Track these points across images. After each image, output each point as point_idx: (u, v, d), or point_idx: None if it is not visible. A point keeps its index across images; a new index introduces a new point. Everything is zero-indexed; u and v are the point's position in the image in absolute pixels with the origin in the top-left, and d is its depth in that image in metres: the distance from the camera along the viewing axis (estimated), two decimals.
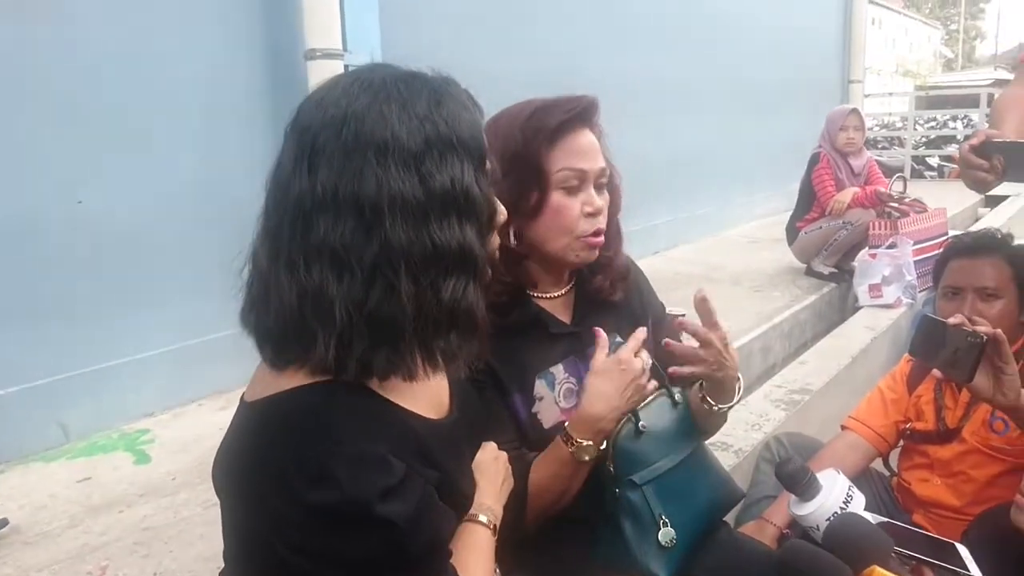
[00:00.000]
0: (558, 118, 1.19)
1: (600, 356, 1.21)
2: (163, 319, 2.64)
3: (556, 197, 1.20)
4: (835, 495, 1.30)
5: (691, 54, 5.73)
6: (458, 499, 0.93)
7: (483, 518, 0.98)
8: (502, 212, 0.90)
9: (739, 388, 1.31)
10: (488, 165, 0.86)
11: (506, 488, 1.07)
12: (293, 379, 0.81)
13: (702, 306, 1.25)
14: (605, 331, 1.31)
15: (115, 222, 2.50)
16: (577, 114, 1.21)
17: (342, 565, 0.78)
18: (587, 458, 1.17)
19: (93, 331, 2.47)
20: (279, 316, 0.79)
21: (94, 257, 2.46)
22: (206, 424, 2.51)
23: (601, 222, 1.23)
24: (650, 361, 1.22)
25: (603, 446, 1.19)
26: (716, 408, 1.29)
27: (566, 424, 1.19)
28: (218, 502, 0.87)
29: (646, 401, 1.26)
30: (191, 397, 2.71)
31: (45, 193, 2.35)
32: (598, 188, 1.24)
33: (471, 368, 0.93)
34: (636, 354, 1.20)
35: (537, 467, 1.19)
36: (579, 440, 1.16)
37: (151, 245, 2.60)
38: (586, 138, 1.22)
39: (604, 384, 1.18)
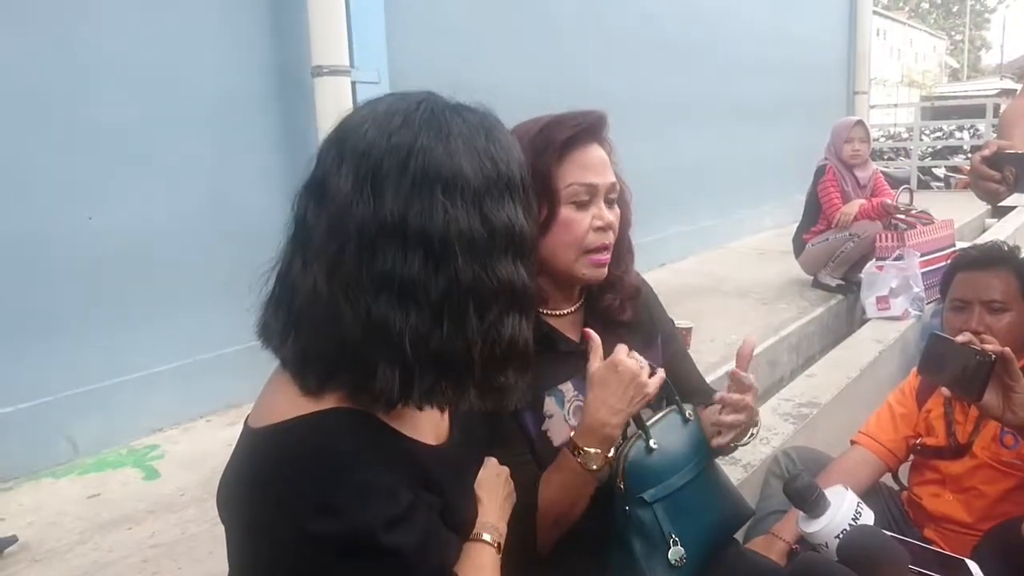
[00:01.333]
0: (567, 132, 1.20)
1: (594, 363, 1.19)
2: (172, 334, 2.65)
3: (566, 211, 1.20)
4: (843, 512, 1.30)
5: (696, 67, 5.74)
6: (461, 524, 0.94)
7: (487, 536, 0.97)
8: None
9: (756, 431, 1.31)
10: (530, 199, 0.86)
11: (508, 504, 1.06)
12: (303, 406, 0.80)
13: (743, 361, 1.26)
14: (614, 349, 1.31)
15: (124, 238, 2.52)
16: (586, 128, 1.22)
17: None
18: (595, 466, 1.16)
19: (102, 346, 2.49)
20: (335, 344, 0.78)
21: (104, 273, 2.48)
22: (215, 440, 2.52)
23: (610, 237, 1.24)
24: (654, 369, 1.20)
25: (611, 453, 1.18)
26: (731, 445, 1.29)
27: (571, 435, 1.19)
28: None
29: (657, 417, 1.26)
30: (200, 413, 2.72)
31: (55, 210, 2.37)
32: (608, 203, 1.24)
33: None
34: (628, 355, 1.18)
35: (545, 480, 1.19)
36: (586, 449, 1.15)
37: (160, 260, 2.62)
38: (596, 152, 1.23)
39: (603, 390, 1.16)
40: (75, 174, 2.41)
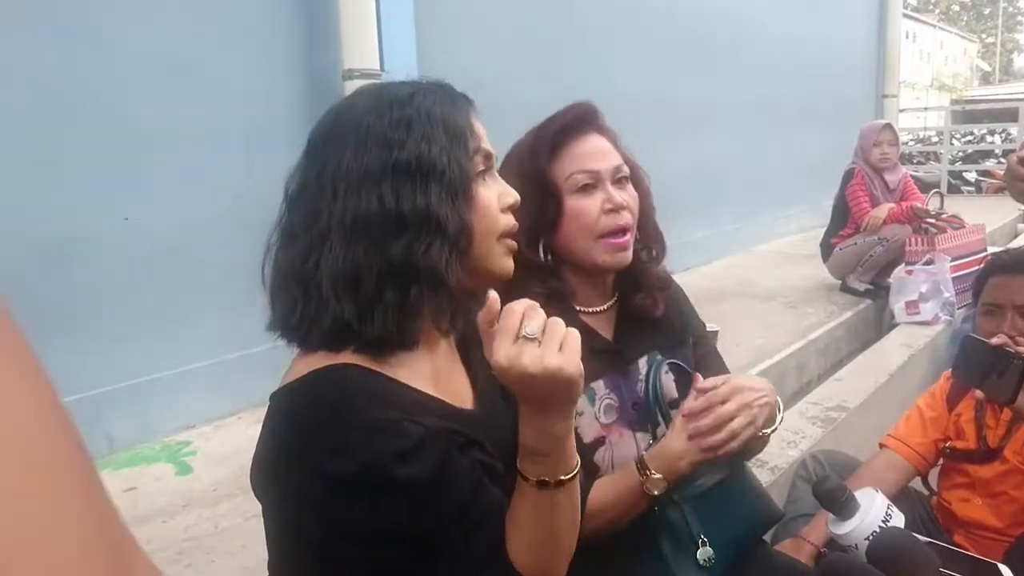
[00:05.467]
0: (555, 128, 1.24)
1: (691, 399, 1.20)
2: (204, 333, 2.70)
3: (572, 201, 1.22)
4: (874, 514, 1.30)
5: (724, 70, 5.73)
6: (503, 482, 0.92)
7: (527, 466, 0.88)
8: (511, 194, 0.94)
9: (780, 409, 1.31)
10: (473, 144, 0.90)
11: (560, 407, 0.87)
12: (313, 364, 0.85)
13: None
14: (646, 348, 1.33)
15: (159, 238, 2.57)
16: (573, 120, 1.25)
17: (373, 537, 0.80)
18: (656, 492, 1.17)
19: (138, 344, 2.54)
20: (288, 300, 0.88)
21: (139, 272, 2.53)
22: (245, 436, 2.56)
23: (625, 217, 1.24)
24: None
25: (673, 488, 1.19)
26: (759, 432, 1.29)
27: (643, 454, 1.20)
28: (258, 513, 0.90)
29: None
30: (231, 410, 2.76)
31: (93, 210, 2.42)
32: (617, 185, 1.25)
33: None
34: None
35: (601, 486, 1.18)
36: (652, 472, 1.17)
37: (193, 260, 2.67)
38: (592, 141, 1.25)
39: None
40: (112, 175, 2.46)
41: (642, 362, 1.32)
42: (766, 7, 6.23)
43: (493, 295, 0.86)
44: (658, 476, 1.16)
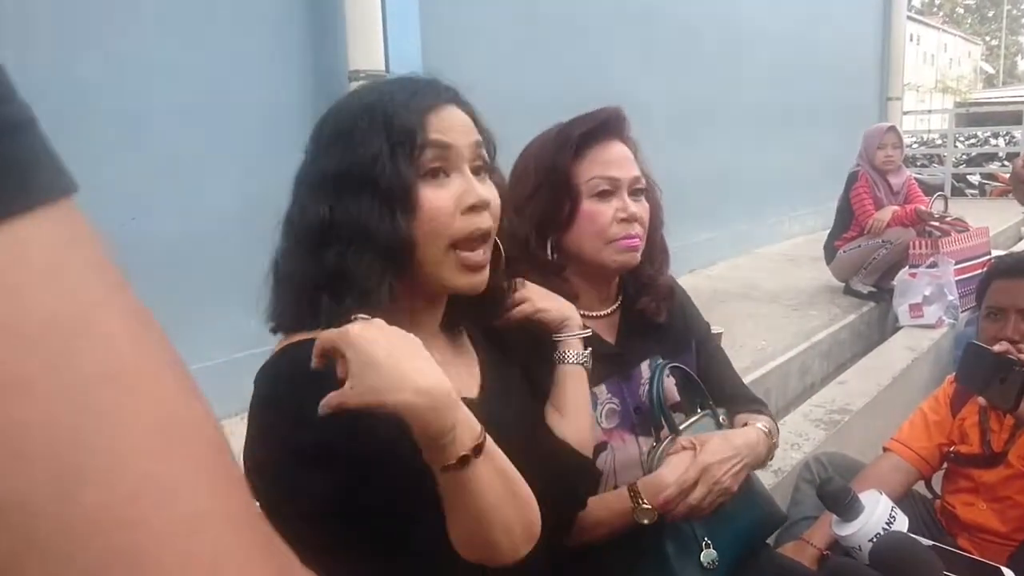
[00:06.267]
0: (582, 129, 1.23)
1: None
2: (208, 333, 2.70)
3: (588, 204, 1.23)
4: (878, 515, 1.30)
5: (728, 72, 5.72)
6: None
7: (426, 455, 0.79)
8: (473, 193, 0.90)
9: (774, 446, 1.31)
10: (421, 141, 0.88)
11: (424, 374, 0.77)
12: (284, 341, 0.90)
13: None
14: (648, 352, 1.33)
15: (165, 238, 2.57)
16: (601, 124, 1.25)
17: (323, 509, 0.81)
18: (646, 521, 1.14)
19: None
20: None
21: (145, 272, 2.52)
22: None
23: (636, 228, 1.25)
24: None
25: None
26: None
27: (638, 481, 1.18)
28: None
29: (690, 422, 1.27)
30: (237, 410, 2.74)
31: (100, 210, 2.40)
32: (633, 196, 1.26)
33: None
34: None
35: (593, 506, 1.17)
36: (643, 501, 1.14)
37: (199, 260, 2.67)
38: (615, 148, 1.25)
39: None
40: (119, 175, 2.46)
41: (644, 366, 1.32)
42: (771, 9, 6.23)
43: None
44: (648, 507, 1.14)
